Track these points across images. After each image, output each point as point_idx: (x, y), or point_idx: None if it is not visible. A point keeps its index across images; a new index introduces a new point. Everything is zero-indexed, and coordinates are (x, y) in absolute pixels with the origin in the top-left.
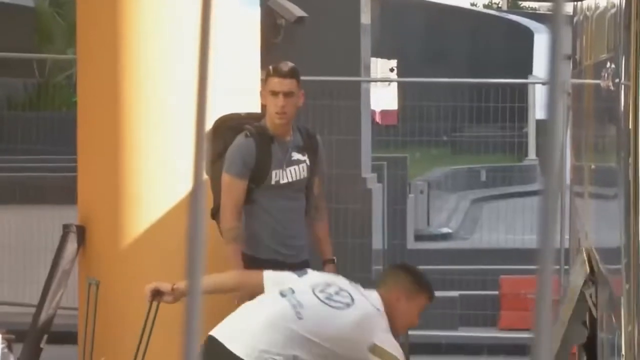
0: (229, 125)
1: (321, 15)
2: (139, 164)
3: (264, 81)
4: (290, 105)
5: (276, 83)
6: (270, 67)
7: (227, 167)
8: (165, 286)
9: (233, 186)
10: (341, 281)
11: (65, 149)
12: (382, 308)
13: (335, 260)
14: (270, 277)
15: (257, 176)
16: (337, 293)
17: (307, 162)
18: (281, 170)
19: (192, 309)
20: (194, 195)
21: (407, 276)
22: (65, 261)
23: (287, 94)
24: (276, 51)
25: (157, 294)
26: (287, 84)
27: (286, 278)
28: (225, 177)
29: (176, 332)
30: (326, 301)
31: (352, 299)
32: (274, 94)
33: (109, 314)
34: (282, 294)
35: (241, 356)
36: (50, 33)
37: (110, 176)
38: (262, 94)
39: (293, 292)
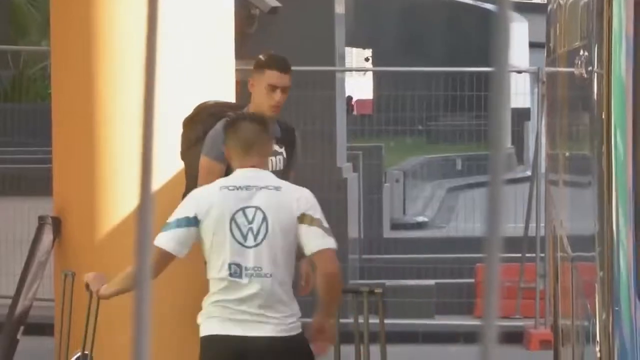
0: (210, 112)
1: (295, 5)
2: (114, 156)
3: (258, 71)
4: (284, 100)
5: (277, 77)
6: (267, 58)
7: (207, 151)
8: (94, 285)
9: (211, 169)
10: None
11: (40, 140)
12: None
13: None
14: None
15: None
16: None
17: (284, 154)
18: None
19: (141, 309)
20: (142, 202)
21: None
22: (41, 252)
23: (284, 89)
24: (250, 41)
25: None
26: (286, 79)
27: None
28: (204, 160)
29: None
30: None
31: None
32: (272, 88)
33: (84, 305)
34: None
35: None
36: (25, 25)
37: (85, 168)
38: (252, 84)
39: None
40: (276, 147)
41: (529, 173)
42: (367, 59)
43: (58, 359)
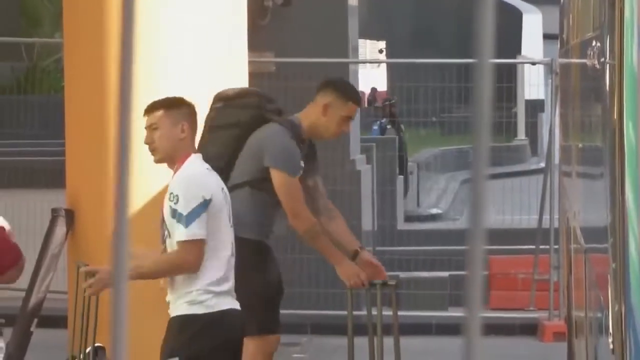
0: (247, 102)
1: None
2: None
3: (340, 99)
4: None
5: (355, 111)
6: (352, 90)
7: (285, 167)
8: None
9: (295, 186)
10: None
11: (53, 132)
12: None
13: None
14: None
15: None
16: None
17: (302, 170)
18: None
19: (119, 304)
20: (118, 195)
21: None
22: (54, 245)
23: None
24: (263, 33)
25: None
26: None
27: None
28: (286, 178)
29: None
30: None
31: None
32: (348, 119)
33: (98, 297)
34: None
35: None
36: (38, 17)
37: (98, 160)
38: (327, 107)
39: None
40: (301, 163)
41: (542, 165)
42: (380, 51)
43: (71, 351)
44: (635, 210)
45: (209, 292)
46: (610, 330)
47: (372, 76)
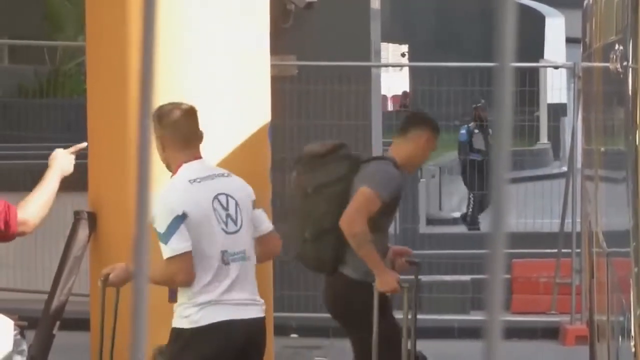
0: (341, 154)
1: (331, 0)
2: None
3: (434, 132)
4: None
5: (436, 143)
6: (436, 126)
7: (378, 187)
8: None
9: (374, 203)
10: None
11: (76, 135)
12: None
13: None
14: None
15: (390, 206)
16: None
17: (397, 200)
18: None
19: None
20: (140, 196)
21: None
22: (76, 248)
23: None
24: (286, 37)
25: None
26: None
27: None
28: (371, 193)
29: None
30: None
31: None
32: (431, 149)
33: (120, 300)
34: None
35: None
36: (61, 20)
37: (120, 162)
38: (425, 139)
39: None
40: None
41: (565, 169)
42: (403, 55)
43: (96, 355)
44: None
45: (195, 305)
46: (633, 333)
47: (394, 80)
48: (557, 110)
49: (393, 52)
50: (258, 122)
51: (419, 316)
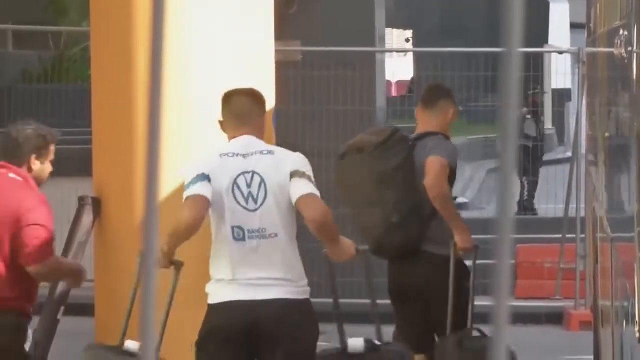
0: (397, 139)
1: None
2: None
3: (452, 102)
4: None
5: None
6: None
7: (447, 156)
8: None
9: (445, 170)
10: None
11: (80, 121)
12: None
13: None
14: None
15: (452, 176)
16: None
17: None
18: None
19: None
20: (149, 189)
21: None
22: (81, 233)
23: None
24: (290, 22)
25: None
26: None
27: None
28: (443, 161)
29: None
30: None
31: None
32: (455, 120)
33: (124, 285)
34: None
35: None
36: (65, 5)
37: (125, 148)
38: (453, 112)
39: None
40: None
41: (569, 154)
42: (407, 40)
43: (101, 340)
44: None
45: (214, 282)
46: (637, 319)
47: (398, 65)
48: (562, 96)
49: (397, 37)
50: None
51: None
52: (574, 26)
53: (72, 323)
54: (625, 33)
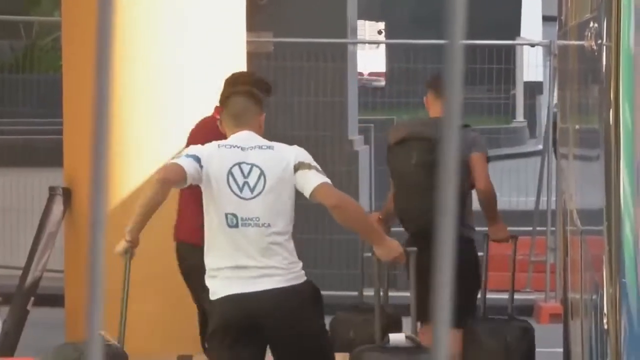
0: (429, 122)
1: None
2: (125, 127)
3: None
4: None
5: None
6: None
7: (484, 149)
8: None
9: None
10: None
11: (51, 111)
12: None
13: None
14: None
15: None
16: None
17: None
18: None
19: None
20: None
21: None
22: (51, 223)
23: None
24: (262, 13)
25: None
26: None
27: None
28: (485, 156)
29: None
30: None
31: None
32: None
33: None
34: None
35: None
36: None
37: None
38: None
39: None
40: None
41: (540, 147)
42: (380, 32)
43: (71, 330)
44: (630, 192)
45: (209, 272)
46: (605, 311)
47: (370, 57)
48: (533, 88)
49: (370, 29)
50: None
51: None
52: (546, 19)
53: (42, 313)
54: (595, 25)
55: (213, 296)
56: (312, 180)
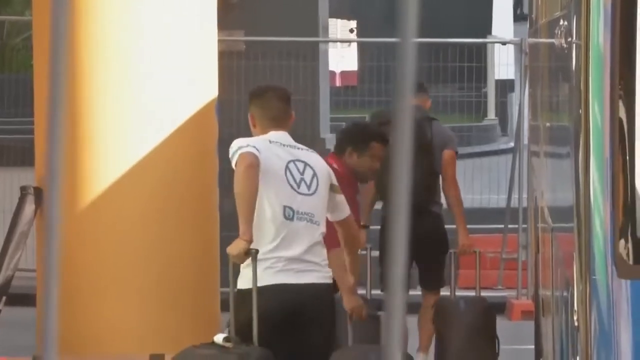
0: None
1: None
2: (96, 126)
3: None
4: None
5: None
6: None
7: (455, 145)
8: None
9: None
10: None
11: (22, 111)
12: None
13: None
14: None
15: None
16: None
17: None
18: None
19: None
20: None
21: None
22: (23, 223)
23: None
24: (233, 11)
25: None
26: None
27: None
28: (454, 154)
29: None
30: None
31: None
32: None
33: (66, 275)
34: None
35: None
36: None
37: (66, 138)
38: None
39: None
40: None
41: (512, 144)
42: (351, 30)
43: (41, 330)
44: (600, 189)
45: (262, 259)
46: (575, 308)
47: (342, 55)
48: (505, 86)
49: (341, 27)
50: (205, 97)
51: None
52: (517, 17)
53: (13, 313)
54: (565, 23)
55: (260, 282)
56: (346, 208)
